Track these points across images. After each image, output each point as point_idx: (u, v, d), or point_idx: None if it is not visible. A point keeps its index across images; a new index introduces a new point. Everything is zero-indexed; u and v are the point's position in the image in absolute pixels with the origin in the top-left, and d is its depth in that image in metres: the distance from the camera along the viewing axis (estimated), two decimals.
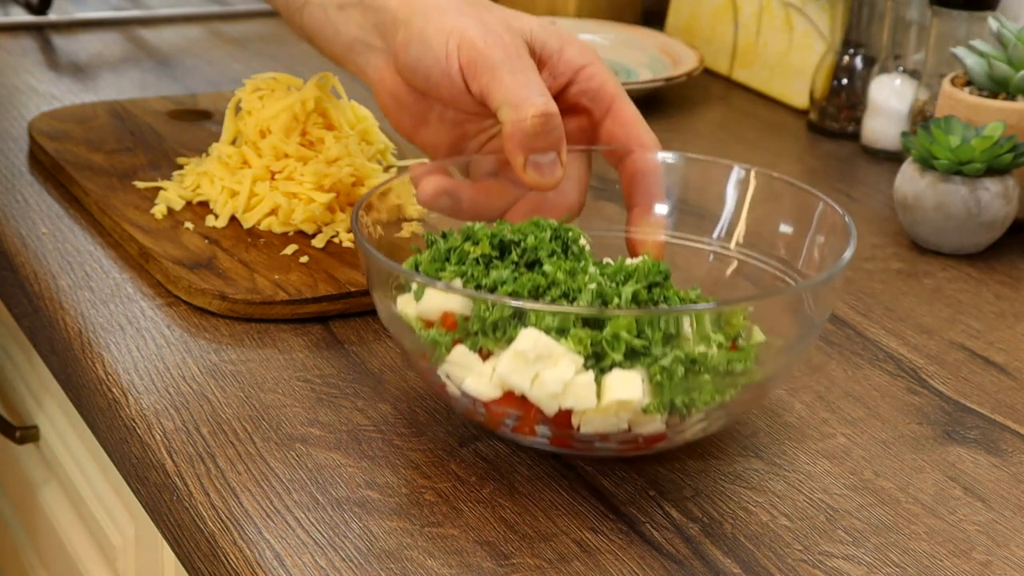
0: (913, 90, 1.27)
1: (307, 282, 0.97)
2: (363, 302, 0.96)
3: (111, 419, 0.88)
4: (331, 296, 0.96)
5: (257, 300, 0.94)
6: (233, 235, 1.03)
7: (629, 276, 0.81)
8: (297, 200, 1.04)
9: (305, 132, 1.08)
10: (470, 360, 0.77)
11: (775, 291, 0.89)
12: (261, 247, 1.02)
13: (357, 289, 0.96)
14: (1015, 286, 1.07)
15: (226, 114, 1.10)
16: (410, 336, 0.79)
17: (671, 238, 0.93)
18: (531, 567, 0.74)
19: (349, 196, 1.06)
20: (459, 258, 0.83)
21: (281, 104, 1.07)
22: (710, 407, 0.77)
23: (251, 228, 1.04)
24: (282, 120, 1.07)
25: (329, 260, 1.00)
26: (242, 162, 1.07)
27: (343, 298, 0.96)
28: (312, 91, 1.08)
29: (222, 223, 1.05)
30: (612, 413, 0.76)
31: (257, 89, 1.09)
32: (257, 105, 1.08)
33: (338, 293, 0.96)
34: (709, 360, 0.76)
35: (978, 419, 0.90)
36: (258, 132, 1.07)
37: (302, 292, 0.96)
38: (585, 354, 0.75)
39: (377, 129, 1.13)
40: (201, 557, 0.78)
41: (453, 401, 0.80)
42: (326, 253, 1.01)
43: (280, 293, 0.95)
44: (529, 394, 0.76)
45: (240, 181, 1.06)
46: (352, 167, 1.06)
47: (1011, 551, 0.78)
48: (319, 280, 0.97)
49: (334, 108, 1.09)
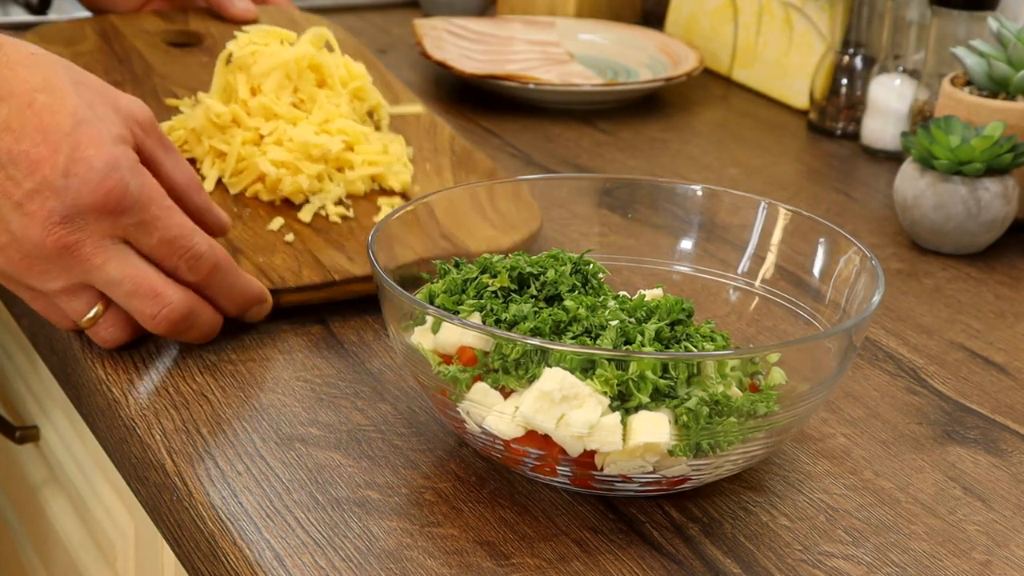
0: (913, 90, 1.27)
1: (291, 267, 0.95)
2: (347, 290, 0.95)
3: (111, 419, 0.88)
4: (315, 286, 0.95)
5: None
6: (219, 201, 1.01)
7: (651, 312, 0.81)
8: (285, 170, 1.02)
9: (296, 89, 1.06)
10: (491, 398, 0.76)
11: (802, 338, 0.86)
12: (247, 219, 1.00)
13: (342, 277, 0.95)
14: (1015, 286, 1.07)
15: (216, 66, 1.07)
16: (426, 370, 0.79)
17: (694, 271, 0.92)
18: (531, 567, 0.74)
19: (339, 162, 1.04)
20: (477, 291, 0.82)
21: (273, 61, 1.04)
22: (734, 449, 0.77)
23: (237, 194, 1.03)
24: (274, 79, 1.05)
25: (315, 239, 0.99)
26: (231, 119, 1.05)
27: (326, 287, 0.95)
28: (305, 48, 1.06)
29: (208, 187, 1.02)
30: (638, 455, 0.75)
31: (250, 43, 1.06)
32: (249, 60, 1.05)
33: (321, 282, 0.95)
34: (734, 402, 0.75)
35: (978, 419, 0.90)
36: (249, 89, 1.05)
37: (285, 280, 0.94)
38: (611, 395, 0.75)
39: (370, 85, 1.11)
40: (201, 557, 0.78)
41: (469, 437, 0.79)
42: (313, 229, 1.00)
43: (263, 280, 0.94)
44: (554, 435, 0.75)
45: (228, 142, 1.03)
46: (344, 133, 1.04)
47: (1011, 551, 0.78)
48: (303, 264, 0.96)
49: (327, 64, 1.07)
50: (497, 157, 1.25)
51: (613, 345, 0.78)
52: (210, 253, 0.88)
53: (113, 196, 0.84)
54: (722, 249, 0.92)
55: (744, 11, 1.45)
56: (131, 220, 0.85)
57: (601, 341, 0.78)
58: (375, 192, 1.05)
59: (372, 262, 0.81)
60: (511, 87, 1.35)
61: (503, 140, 1.29)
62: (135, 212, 0.85)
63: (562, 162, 1.25)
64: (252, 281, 0.91)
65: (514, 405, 0.75)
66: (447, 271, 0.84)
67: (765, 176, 1.26)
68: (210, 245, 0.88)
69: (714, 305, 0.91)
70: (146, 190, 0.85)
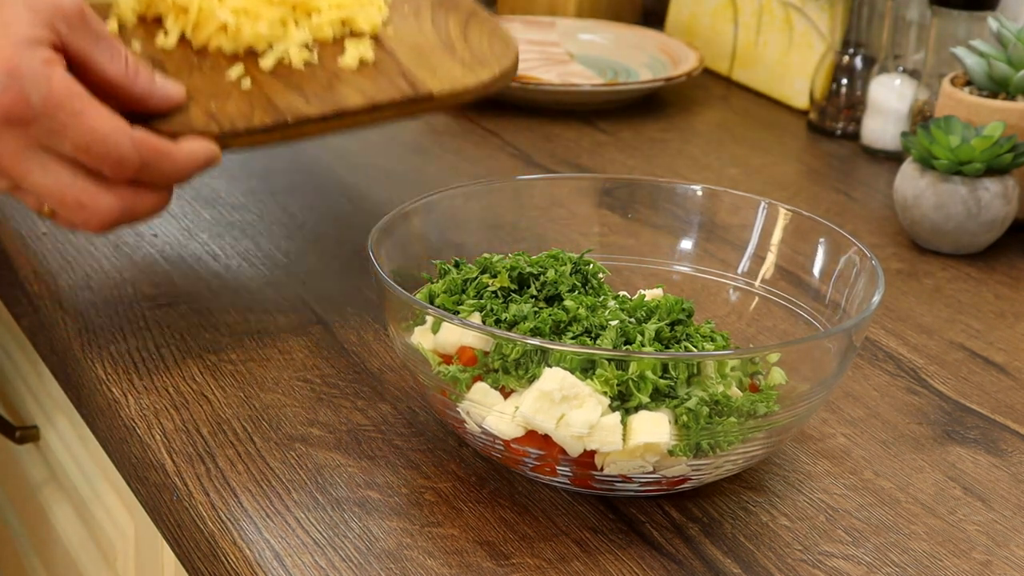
0: (913, 90, 1.27)
1: (243, 111, 0.91)
2: (301, 131, 0.91)
3: (111, 419, 0.88)
4: (265, 128, 0.90)
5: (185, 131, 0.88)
6: (180, 57, 0.96)
7: (651, 312, 0.81)
8: (245, 17, 0.96)
9: None
10: (491, 398, 0.76)
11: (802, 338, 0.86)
12: (206, 70, 0.95)
13: (295, 118, 0.91)
14: (1015, 286, 1.07)
15: None
16: (426, 370, 0.79)
17: (694, 271, 0.92)
18: (531, 567, 0.74)
19: (305, 7, 0.98)
20: (477, 291, 0.82)
21: None
22: (734, 449, 0.77)
23: (200, 49, 0.97)
24: None
25: (274, 84, 0.94)
26: None
27: (279, 128, 0.90)
28: None
29: (171, 42, 0.97)
30: (638, 455, 0.75)
31: None
32: None
33: (273, 124, 0.90)
34: (734, 402, 0.75)
35: (978, 419, 0.90)
36: None
37: (235, 124, 0.89)
38: (611, 395, 0.75)
39: None
40: (201, 557, 0.78)
41: (469, 437, 0.79)
42: (274, 76, 0.95)
43: (212, 125, 0.89)
44: (554, 435, 0.75)
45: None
46: None
47: (1011, 551, 0.78)
48: (256, 108, 0.91)
49: None
50: (497, 157, 1.25)
51: (613, 345, 0.78)
52: (132, 154, 0.83)
53: (15, 109, 0.80)
54: (722, 249, 0.92)
55: (744, 11, 1.45)
56: (40, 129, 0.81)
57: (601, 341, 0.78)
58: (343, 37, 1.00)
59: (372, 262, 0.81)
60: (511, 87, 1.35)
61: (503, 140, 1.29)
62: (42, 121, 0.81)
63: (562, 162, 1.25)
64: (192, 156, 0.87)
65: (514, 405, 0.75)
66: (447, 271, 0.84)
67: (765, 176, 1.26)
68: (134, 144, 0.83)
69: (714, 305, 0.91)
70: (52, 97, 0.81)
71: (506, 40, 0.95)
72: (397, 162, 1.22)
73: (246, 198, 1.14)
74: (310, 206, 1.13)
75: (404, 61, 0.92)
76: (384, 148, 1.24)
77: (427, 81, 0.91)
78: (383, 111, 0.90)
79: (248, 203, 1.13)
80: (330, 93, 0.93)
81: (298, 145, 1.26)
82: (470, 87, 0.91)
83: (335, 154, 1.24)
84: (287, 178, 1.18)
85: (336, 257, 1.05)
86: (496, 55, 0.95)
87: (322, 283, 1.01)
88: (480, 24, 0.97)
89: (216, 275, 1.01)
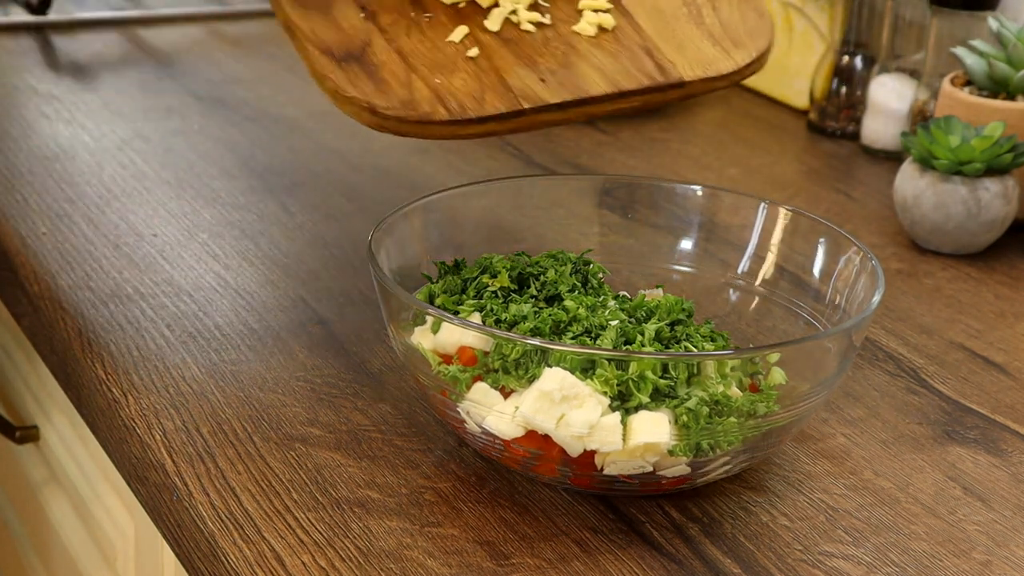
0: (913, 90, 1.27)
1: (473, 90, 0.81)
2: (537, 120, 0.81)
3: (111, 419, 0.88)
4: (500, 116, 0.80)
5: (412, 118, 0.80)
6: (395, 5, 0.86)
7: (651, 313, 0.81)
8: None
9: None
10: (491, 398, 0.76)
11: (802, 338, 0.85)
12: (425, 26, 0.85)
13: (532, 105, 0.81)
14: (1015, 286, 1.07)
15: None
16: (426, 370, 0.79)
17: (694, 271, 0.92)
18: (531, 567, 0.74)
19: None
20: (476, 291, 0.82)
21: None
22: (734, 449, 0.77)
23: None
24: None
25: (502, 53, 0.84)
26: None
27: (513, 117, 0.80)
28: None
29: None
30: (638, 455, 0.75)
31: None
32: None
33: (508, 111, 0.80)
34: (734, 402, 0.75)
35: (978, 419, 0.90)
36: None
37: (465, 108, 0.80)
38: (611, 395, 0.75)
39: None
40: (201, 557, 0.78)
41: (469, 437, 0.79)
42: (500, 40, 0.84)
43: (439, 109, 0.80)
44: (554, 434, 0.75)
45: None
46: None
47: (1011, 551, 0.78)
48: (486, 87, 0.82)
49: None
50: (497, 157, 1.25)
51: (613, 345, 0.78)
52: None
53: None
54: (722, 249, 0.92)
55: None
56: None
57: (601, 341, 0.78)
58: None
59: (372, 262, 0.81)
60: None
61: (503, 140, 1.29)
62: None
63: (562, 162, 1.25)
64: None
65: (514, 405, 0.75)
66: (447, 271, 0.84)
67: (765, 176, 1.26)
68: None
69: (714, 305, 0.91)
70: None
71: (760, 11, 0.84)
72: (397, 162, 1.22)
73: (246, 198, 1.14)
74: (310, 206, 1.13)
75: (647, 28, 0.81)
76: (384, 148, 1.24)
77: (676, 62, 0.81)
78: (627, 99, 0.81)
79: (248, 203, 1.13)
80: (568, 73, 0.83)
81: (298, 145, 1.26)
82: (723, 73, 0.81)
83: (335, 154, 1.24)
84: (287, 178, 1.18)
85: (336, 257, 1.05)
86: (749, 30, 0.84)
87: (322, 283, 1.01)
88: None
89: (216, 275, 1.01)
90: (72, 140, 1.23)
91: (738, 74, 0.81)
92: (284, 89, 1.38)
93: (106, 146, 1.23)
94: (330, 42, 0.82)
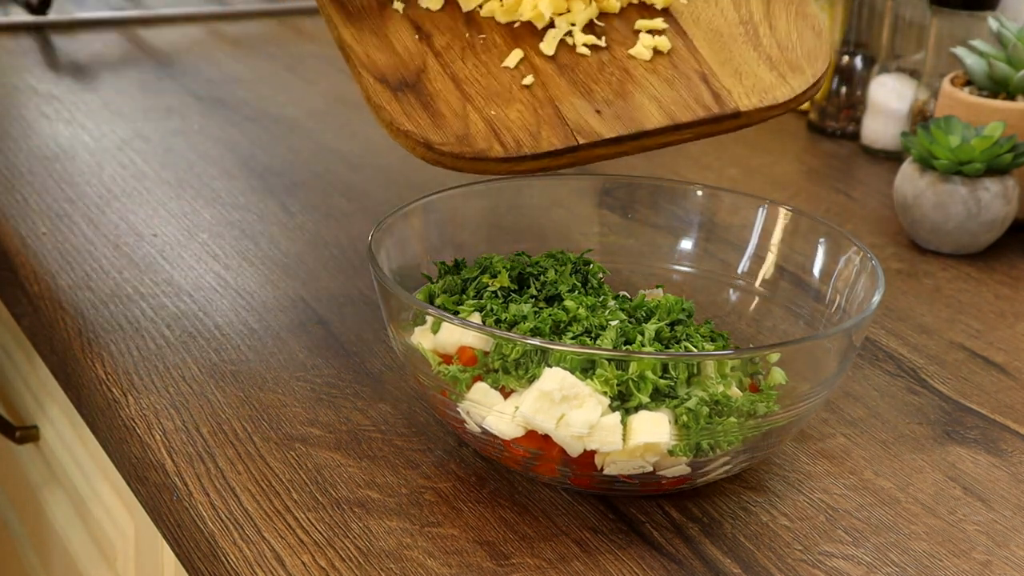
0: (913, 90, 1.27)
1: (528, 124, 0.80)
2: (592, 154, 0.80)
3: (111, 419, 0.88)
4: (555, 152, 0.79)
5: (467, 155, 0.79)
6: (449, 25, 0.84)
7: (651, 313, 0.80)
8: None
9: None
10: (491, 398, 0.76)
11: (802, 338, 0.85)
12: (479, 49, 0.83)
13: (587, 140, 0.79)
14: (1015, 286, 1.07)
15: None
16: (426, 370, 0.78)
17: (694, 271, 0.92)
18: (531, 567, 0.74)
19: None
20: (476, 291, 0.82)
21: None
22: (734, 449, 0.77)
23: (470, 13, 0.85)
24: None
25: (557, 81, 0.82)
26: None
27: (569, 152, 0.79)
28: None
29: (436, 4, 0.85)
30: (638, 455, 0.75)
31: None
32: None
33: (563, 148, 0.79)
34: (734, 402, 0.75)
35: (978, 419, 0.90)
36: None
37: (521, 144, 0.79)
38: (611, 395, 0.75)
39: None
40: (201, 557, 0.78)
41: (469, 437, 0.79)
42: (556, 66, 0.83)
43: (495, 146, 0.79)
44: (554, 435, 0.75)
45: None
46: None
47: (1011, 551, 0.78)
48: (542, 120, 0.80)
49: None
50: None
51: (613, 345, 0.78)
52: None
53: None
54: (722, 249, 0.92)
55: None
56: None
57: (601, 341, 0.78)
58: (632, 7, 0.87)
59: (372, 262, 0.81)
60: None
61: None
62: None
63: None
64: None
65: (514, 405, 0.75)
66: (447, 271, 0.84)
67: (765, 176, 1.26)
68: None
69: (714, 305, 0.91)
70: None
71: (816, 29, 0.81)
72: (397, 162, 1.22)
73: (246, 198, 1.14)
74: (310, 206, 1.13)
75: (704, 53, 0.80)
76: (384, 148, 1.24)
77: (732, 89, 0.79)
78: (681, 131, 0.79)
79: (248, 203, 1.13)
80: (623, 104, 0.82)
81: (298, 145, 1.26)
82: (780, 101, 0.79)
83: (335, 154, 1.24)
84: (287, 178, 1.18)
85: (336, 257, 1.05)
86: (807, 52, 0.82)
87: (322, 283, 1.01)
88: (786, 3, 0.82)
89: (216, 275, 1.01)
90: (72, 140, 1.23)
91: (795, 101, 0.79)
92: (284, 89, 1.38)
93: (106, 146, 1.23)
94: (384, 67, 0.81)
